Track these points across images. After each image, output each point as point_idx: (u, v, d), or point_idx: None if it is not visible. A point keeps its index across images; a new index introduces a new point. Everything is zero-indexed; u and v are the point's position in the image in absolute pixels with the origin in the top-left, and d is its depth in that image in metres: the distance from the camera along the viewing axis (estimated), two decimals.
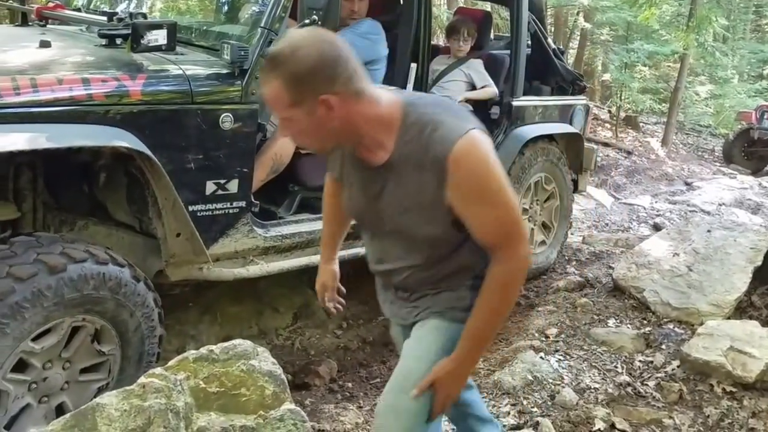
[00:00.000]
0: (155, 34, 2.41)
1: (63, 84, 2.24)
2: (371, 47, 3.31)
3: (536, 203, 4.25)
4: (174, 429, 1.88)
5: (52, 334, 2.18)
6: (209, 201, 2.62)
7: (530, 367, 2.82)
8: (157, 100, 2.40)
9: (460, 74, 4.00)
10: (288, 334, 3.52)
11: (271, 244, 2.91)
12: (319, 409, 2.65)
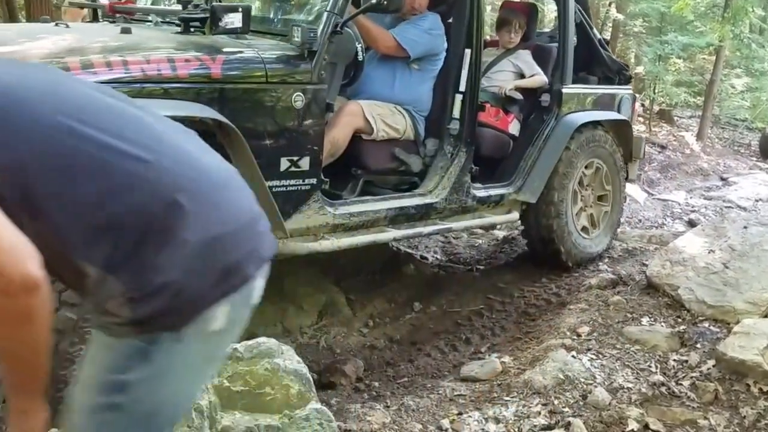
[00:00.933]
0: (232, 17, 2.57)
1: (150, 63, 2.40)
2: (433, 42, 3.44)
3: (587, 189, 4.30)
4: (198, 428, 1.87)
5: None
6: (283, 177, 2.76)
7: (561, 366, 2.76)
8: (235, 79, 2.58)
9: (509, 65, 4.09)
10: (313, 332, 3.51)
11: (340, 221, 3.04)
12: (345, 408, 2.62)
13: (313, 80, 2.77)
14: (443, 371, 3.13)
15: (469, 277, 4.22)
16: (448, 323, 3.63)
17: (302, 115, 2.75)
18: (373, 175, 3.41)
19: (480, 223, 3.88)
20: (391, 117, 3.39)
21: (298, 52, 2.73)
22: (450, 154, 3.52)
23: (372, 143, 3.30)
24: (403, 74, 3.45)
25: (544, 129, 3.96)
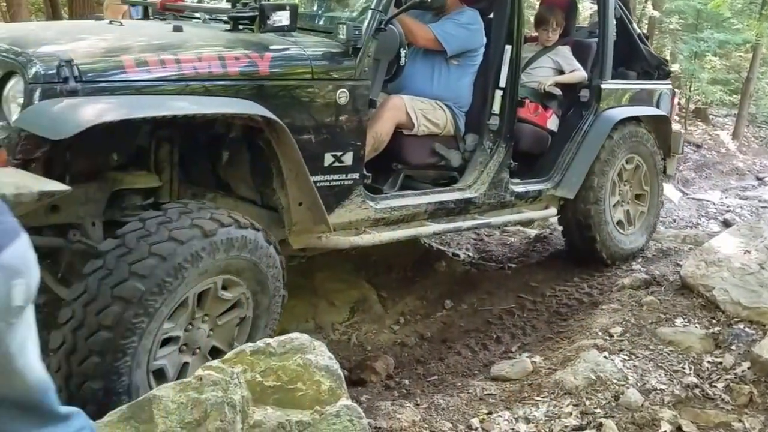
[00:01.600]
0: (280, 15, 2.64)
1: (202, 61, 2.45)
2: (470, 37, 3.45)
3: (626, 185, 4.30)
4: (230, 422, 1.89)
5: (181, 308, 2.29)
6: (327, 172, 2.81)
7: (593, 366, 2.73)
8: (282, 76, 2.63)
9: (548, 61, 4.10)
10: (344, 329, 3.53)
11: (381, 215, 3.09)
12: (375, 405, 2.63)
13: (357, 77, 2.81)
14: (473, 370, 3.12)
15: (501, 275, 4.20)
16: (479, 321, 3.62)
17: (346, 110, 2.79)
18: (413, 170, 3.45)
19: (518, 219, 3.88)
20: (432, 112, 3.42)
21: (342, 49, 2.78)
22: (489, 150, 3.54)
23: (413, 138, 3.34)
24: (442, 70, 3.48)
25: (582, 124, 3.97)
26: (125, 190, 2.53)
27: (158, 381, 2.28)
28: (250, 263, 2.42)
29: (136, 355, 2.14)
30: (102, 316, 2.07)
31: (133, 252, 2.13)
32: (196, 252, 2.21)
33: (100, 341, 2.07)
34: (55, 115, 2.09)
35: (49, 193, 1.98)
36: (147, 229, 2.19)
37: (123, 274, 2.10)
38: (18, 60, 2.23)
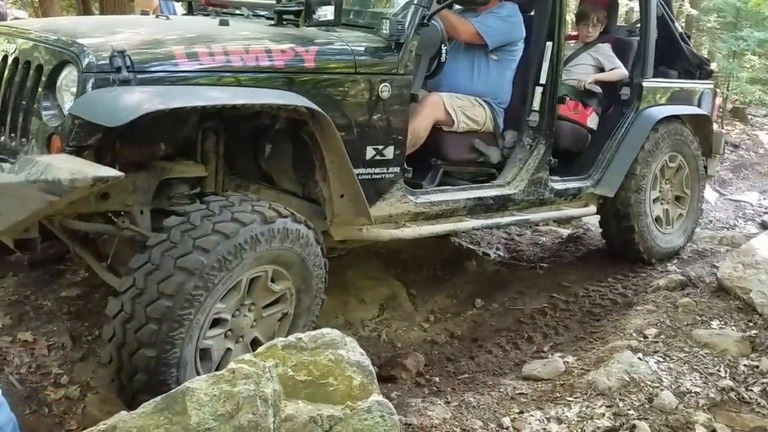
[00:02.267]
0: (325, 9, 2.70)
1: (249, 53, 2.51)
2: (510, 30, 3.45)
3: (667, 183, 4.29)
4: (262, 416, 1.90)
5: (234, 291, 2.38)
6: (368, 165, 2.85)
7: (627, 367, 2.70)
8: (326, 70, 2.68)
9: (588, 58, 4.10)
10: (374, 325, 3.53)
11: (421, 210, 3.12)
12: (405, 402, 2.62)
13: (399, 71, 2.84)
14: (504, 369, 3.10)
15: (533, 274, 4.17)
16: (510, 321, 3.59)
17: (388, 105, 2.83)
18: (452, 166, 3.48)
19: (557, 216, 3.88)
20: (472, 109, 3.42)
21: (385, 44, 2.82)
22: (529, 146, 3.54)
23: (452, 134, 3.37)
24: (482, 66, 3.48)
25: (623, 122, 3.96)
26: (172, 179, 2.58)
27: (203, 362, 2.36)
28: (299, 258, 2.49)
29: (190, 328, 2.23)
30: (164, 284, 2.16)
31: (197, 228, 2.24)
32: (256, 235, 2.31)
33: (160, 309, 2.16)
34: (109, 103, 2.15)
35: (103, 179, 2.03)
36: (211, 210, 2.31)
37: (187, 247, 2.19)
38: (71, 50, 2.29)
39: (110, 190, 2.39)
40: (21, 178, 1.98)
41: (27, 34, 2.54)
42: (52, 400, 2.56)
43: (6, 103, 2.49)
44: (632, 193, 3.98)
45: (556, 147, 3.67)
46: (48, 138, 2.29)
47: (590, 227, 4.87)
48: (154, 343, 2.17)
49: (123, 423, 1.79)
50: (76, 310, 3.14)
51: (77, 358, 2.81)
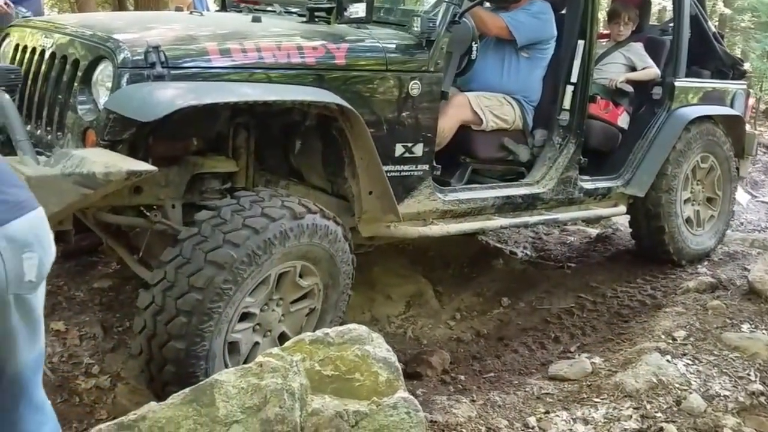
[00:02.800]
0: (356, 7, 2.73)
1: (281, 50, 2.53)
2: (542, 27, 3.43)
3: (699, 184, 4.25)
4: (289, 409, 1.91)
5: (262, 286, 2.41)
6: (398, 162, 2.85)
7: (655, 369, 2.67)
8: (357, 67, 2.69)
9: (620, 57, 4.06)
10: (400, 322, 3.53)
11: (449, 207, 3.11)
12: (430, 400, 2.63)
13: (430, 69, 2.84)
14: (530, 369, 3.09)
15: (560, 274, 4.14)
16: (536, 320, 3.57)
17: (418, 102, 2.83)
18: (480, 164, 3.47)
19: (586, 216, 3.86)
20: (500, 108, 3.41)
21: (416, 41, 2.82)
22: (559, 145, 3.51)
23: (481, 133, 3.36)
24: (512, 63, 3.46)
25: (654, 122, 3.93)
26: (204, 174, 2.61)
27: (231, 355, 2.39)
28: (328, 254, 2.51)
29: (219, 321, 2.25)
30: (194, 278, 2.19)
31: (228, 223, 2.28)
32: (285, 231, 2.33)
33: (190, 301, 2.19)
34: (143, 98, 2.18)
35: (137, 173, 2.07)
36: (241, 205, 2.34)
37: (217, 241, 2.21)
38: (107, 46, 2.33)
39: (143, 184, 2.43)
40: (57, 171, 2.02)
41: (63, 29, 2.59)
42: (83, 390, 2.60)
43: (42, 98, 2.54)
44: (663, 194, 3.94)
45: (586, 146, 3.63)
46: (83, 132, 2.33)
47: (619, 227, 4.82)
48: (183, 335, 2.20)
49: (152, 413, 1.82)
50: (107, 301, 3.20)
51: (108, 348, 2.86)
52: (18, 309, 1.26)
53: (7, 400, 1.37)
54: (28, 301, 1.29)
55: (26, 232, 1.26)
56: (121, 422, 1.80)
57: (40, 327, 1.36)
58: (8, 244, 1.22)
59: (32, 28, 2.79)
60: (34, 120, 2.56)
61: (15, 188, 1.29)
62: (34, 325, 1.33)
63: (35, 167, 2.12)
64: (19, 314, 1.27)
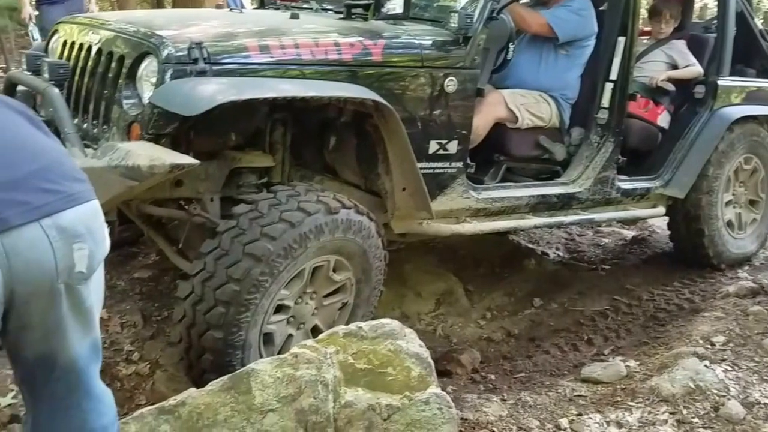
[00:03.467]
0: (394, 3, 2.74)
1: (319, 46, 2.56)
2: (583, 24, 3.39)
3: (741, 186, 4.16)
4: (322, 400, 1.94)
5: (297, 279, 2.45)
6: (431, 159, 2.85)
7: (693, 375, 2.63)
8: (393, 63, 2.70)
9: (661, 55, 4.00)
10: (429, 319, 3.53)
11: (482, 206, 3.10)
12: (461, 397, 2.63)
13: (466, 65, 2.83)
14: (562, 370, 3.06)
15: (594, 276, 4.09)
16: (569, 322, 3.54)
17: (453, 99, 2.81)
18: (515, 162, 3.45)
19: (623, 216, 3.80)
20: (536, 105, 3.38)
21: (453, 38, 2.81)
22: (596, 144, 3.47)
23: (516, 131, 3.33)
24: (550, 60, 3.43)
25: (696, 122, 3.85)
26: (242, 168, 2.66)
27: (266, 346, 2.43)
28: (361, 249, 2.53)
29: (255, 312, 2.30)
30: (232, 269, 2.24)
31: (265, 216, 2.32)
32: (320, 225, 2.36)
33: (228, 292, 2.24)
34: (186, 93, 2.24)
35: (180, 166, 2.12)
36: (278, 199, 2.39)
37: (255, 234, 2.26)
38: (152, 42, 2.39)
39: (184, 177, 2.48)
40: (103, 163, 2.08)
41: (109, 26, 2.66)
42: (124, 376, 2.68)
43: (89, 92, 2.61)
44: (703, 195, 3.86)
45: (625, 145, 3.58)
46: (128, 126, 2.38)
47: (656, 229, 4.75)
48: (221, 325, 2.25)
49: (192, 399, 1.87)
50: (147, 291, 3.27)
51: (147, 336, 2.93)
52: (68, 298, 1.30)
53: (63, 389, 1.40)
54: (78, 291, 1.32)
55: (77, 223, 1.29)
56: (162, 407, 1.85)
57: (91, 318, 1.39)
58: (59, 233, 1.25)
59: (79, 24, 2.86)
60: (80, 113, 2.62)
61: (72, 181, 1.32)
62: (84, 315, 1.36)
63: (83, 159, 2.18)
64: (68, 303, 1.30)
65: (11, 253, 1.20)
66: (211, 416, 1.85)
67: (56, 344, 1.34)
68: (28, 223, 1.22)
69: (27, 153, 1.29)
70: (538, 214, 3.33)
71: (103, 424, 1.47)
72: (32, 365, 1.35)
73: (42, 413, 1.42)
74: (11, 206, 1.21)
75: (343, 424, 1.95)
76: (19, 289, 1.23)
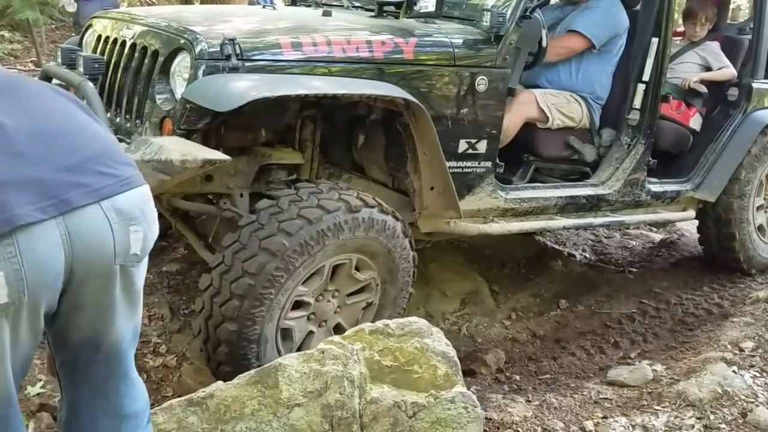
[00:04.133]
0: (426, 1, 2.73)
1: (351, 44, 2.57)
2: (614, 22, 3.36)
3: None
4: (349, 396, 1.95)
5: (316, 276, 2.45)
6: (460, 158, 2.84)
7: (720, 380, 2.59)
8: (424, 61, 2.69)
9: (695, 56, 3.95)
10: (454, 319, 3.53)
11: (510, 206, 3.09)
12: (485, 397, 2.62)
13: (497, 64, 2.82)
14: (588, 373, 3.04)
15: (621, 278, 4.05)
16: (595, 324, 3.51)
17: (484, 98, 2.80)
18: (544, 163, 3.43)
19: (653, 219, 3.75)
20: (567, 106, 3.36)
21: (484, 36, 2.80)
22: (627, 145, 3.44)
23: (546, 131, 3.31)
24: (581, 59, 3.40)
25: (729, 125, 3.81)
26: (271, 165, 2.67)
27: (284, 342, 2.44)
28: (385, 249, 2.52)
29: (270, 307, 2.30)
30: (248, 263, 2.25)
31: (284, 212, 2.33)
32: (339, 223, 2.35)
33: (243, 286, 2.25)
34: (219, 89, 2.25)
35: (211, 161, 2.14)
36: (300, 196, 2.39)
37: (272, 229, 2.27)
38: (185, 38, 2.41)
39: (214, 173, 2.50)
40: (137, 157, 2.10)
41: (143, 21, 2.68)
42: (151, 368, 2.71)
43: (122, 87, 2.65)
44: (735, 199, 3.81)
45: (656, 147, 3.53)
46: (161, 121, 2.41)
47: (684, 233, 4.69)
48: (236, 317, 2.26)
49: (219, 392, 1.89)
50: (175, 284, 3.31)
51: (175, 329, 2.97)
52: (122, 279, 1.32)
53: (104, 372, 1.42)
54: (131, 273, 1.35)
55: (134, 206, 1.31)
56: (191, 399, 1.87)
57: (139, 301, 1.42)
58: (117, 215, 1.28)
59: (113, 19, 2.90)
60: (114, 108, 2.66)
61: (125, 166, 1.35)
62: (134, 298, 1.39)
63: None
64: (121, 285, 1.32)
65: (73, 234, 1.22)
66: (239, 409, 1.87)
67: (104, 326, 1.36)
68: (89, 205, 1.25)
69: (84, 138, 1.32)
70: (566, 215, 3.31)
71: (137, 409, 1.49)
72: (77, 347, 1.38)
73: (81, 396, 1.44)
74: (73, 188, 1.23)
75: (369, 421, 1.96)
76: (78, 269, 1.25)
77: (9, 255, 1.15)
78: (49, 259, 1.20)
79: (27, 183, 1.19)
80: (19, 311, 1.20)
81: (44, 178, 1.21)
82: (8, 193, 1.16)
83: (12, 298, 1.17)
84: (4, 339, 1.20)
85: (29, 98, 1.32)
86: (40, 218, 1.18)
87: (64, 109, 1.35)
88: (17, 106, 1.28)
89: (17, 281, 1.16)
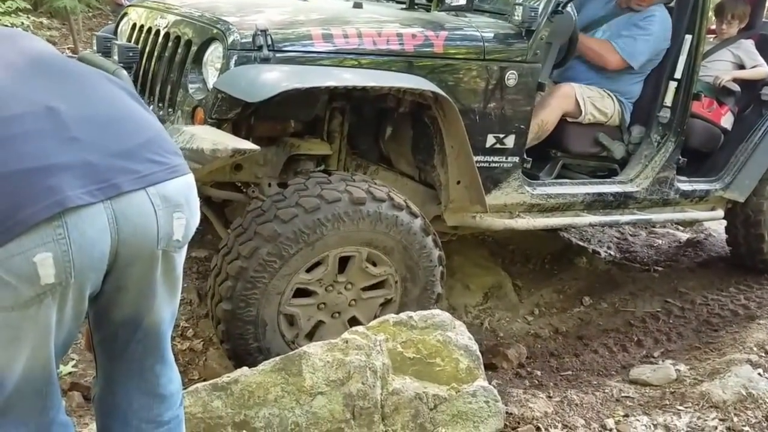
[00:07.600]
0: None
1: (381, 36, 2.57)
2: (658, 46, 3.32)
3: None
4: (371, 386, 1.97)
5: (321, 265, 2.45)
6: (487, 153, 2.83)
7: (745, 382, 2.57)
8: (454, 55, 2.69)
9: (727, 54, 3.90)
10: (477, 312, 3.53)
11: (537, 201, 3.07)
12: (506, 391, 2.63)
13: (528, 59, 2.80)
14: (610, 370, 3.03)
15: (646, 277, 4.02)
16: (619, 322, 3.50)
17: (514, 93, 2.79)
18: (572, 159, 3.40)
19: (681, 218, 3.72)
20: (601, 101, 3.33)
21: (515, 31, 2.79)
22: (656, 143, 3.40)
23: (576, 126, 3.29)
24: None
25: (761, 124, 3.75)
26: (300, 155, 2.69)
27: (290, 327, 2.46)
28: (401, 245, 2.49)
29: (266, 291, 2.32)
30: (242, 246, 2.29)
31: (286, 200, 2.34)
32: (339, 214, 2.33)
33: (235, 267, 2.29)
34: (250, 79, 2.28)
35: (241, 151, 2.16)
36: (306, 185, 2.39)
37: (270, 216, 2.30)
38: (218, 28, 2.44)
39: (244, 162, 2.53)
40: None
41: (177, 11, 2.72)
42: (178, 351, 2.77)
43: (156, 75, 2.69)
44: (765, 200, 3.76)
45: (686, 145, 3.49)
46: (193, 109, 2.45)
47: (712, 233, 4.63)
48: (230, 297, 2.31)
49: (244, 378, 1.93)
50: (203, 270, 3.36)
51: (202, 314, 3.02)
52: (163, 264, 1.35)
53: (141, 351, 1.46)
54: (173, 258, 1.37)
55: (178, 193, 1.34)
56: (216, 383, 1.91)
57: (178, 286, 1.45)
58: (162, 202, 1.30)
59: (148, 8, 2.94)
60: (147, 96, 2.70)
61: (173, 154, 1.38)
62: (174, 282, 1.42)
63: None
64: (162, 269, 1.35)
65: (120, 218, 1.25)
66: (262, 395, 1.91)
67: (145, 306, 1.39)
68: (137, 190, 1.27)
69: (135, 125, 1.35)
70: (593, 212, 3.28)
71: (171, 390, 1.53)
72: (118, 325, 1.41)
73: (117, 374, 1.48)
74: (123, 173, 1.26)
75: (390, 411, 1.99)
76: (123, 251, 1.28)
77: (58, 236, 1.18)
78: (97, 241, 1.23)
79: (79, 167, 1.22)
80: (65, 292, 1.23)
81: (95, 162, 1.24)
82: (61, 177, 1.19)
83: (59, 279, 1.20)
84: (50, 318, 1.23)
85: (82, 84, 1.35)
86: (89, 201, 1.20)
87: (116, 96, 1.38)
88: (72, 91, 1.31)
89: (65, 262, 1.19)
